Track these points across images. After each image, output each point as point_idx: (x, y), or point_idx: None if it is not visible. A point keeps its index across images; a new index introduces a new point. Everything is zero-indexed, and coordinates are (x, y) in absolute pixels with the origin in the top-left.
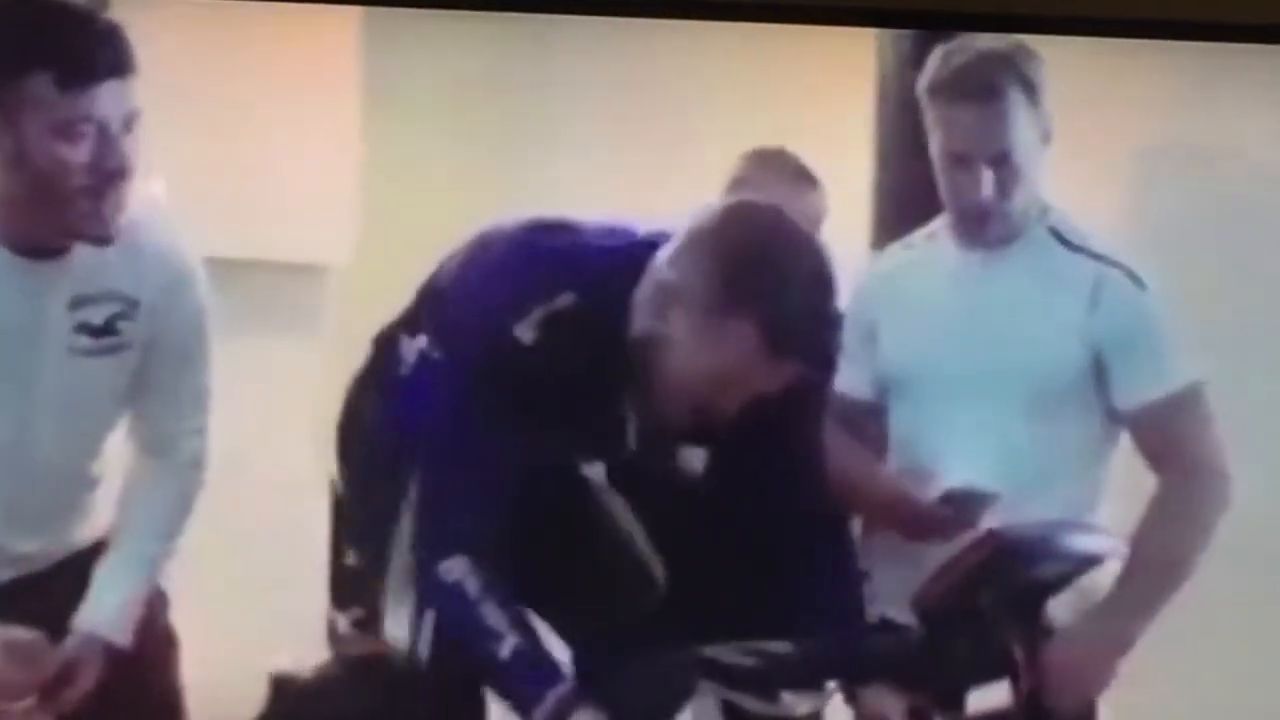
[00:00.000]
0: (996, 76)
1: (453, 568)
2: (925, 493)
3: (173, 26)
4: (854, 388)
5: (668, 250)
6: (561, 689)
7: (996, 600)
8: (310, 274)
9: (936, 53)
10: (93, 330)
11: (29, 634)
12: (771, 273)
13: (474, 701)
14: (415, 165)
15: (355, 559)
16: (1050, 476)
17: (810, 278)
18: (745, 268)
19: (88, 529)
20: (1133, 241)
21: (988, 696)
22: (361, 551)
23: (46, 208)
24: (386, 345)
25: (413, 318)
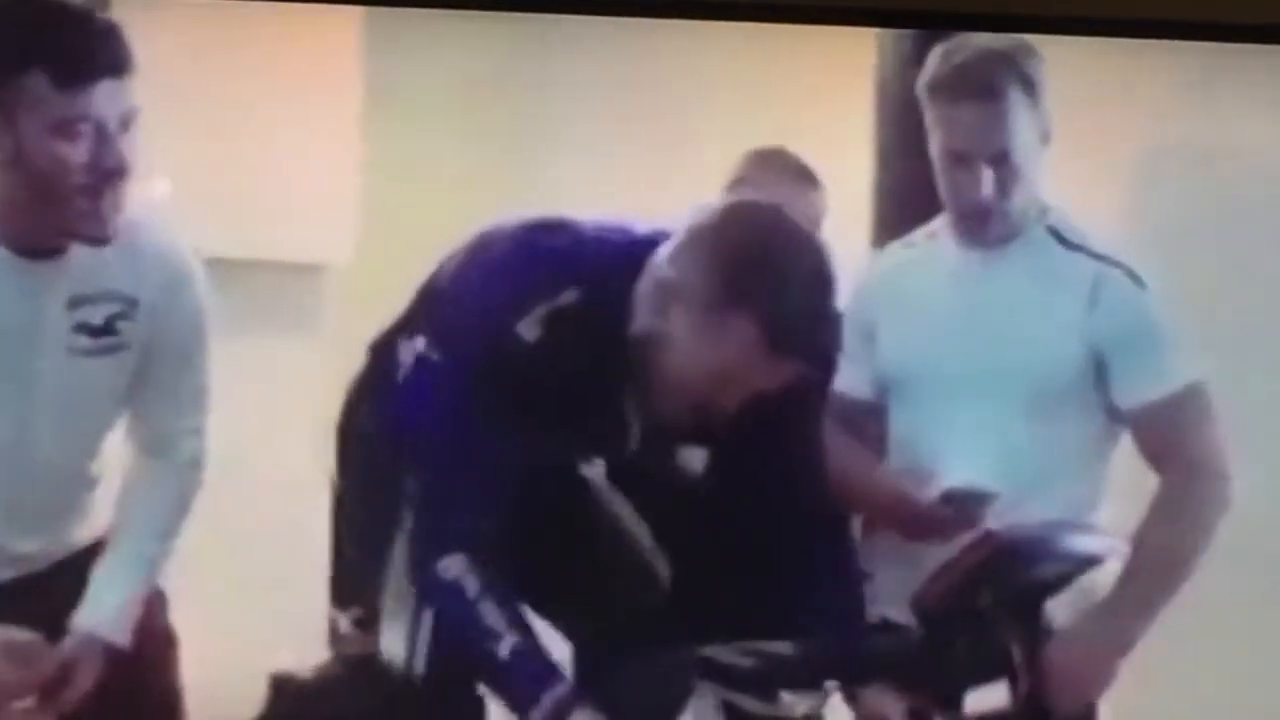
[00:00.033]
0: (996, 75)
1: (451, 565)
2: (925, 493)
3: (175, 26)
4: (854, 387)
5: (668, 248)
6: (559, 690)
7: (995, 601)
8: (311, 274)
9: (936, 51)
10: (92, 330)
11: (27, 635)
12: (771, 271)
13: (473, 702)
14: (416, 165)
15: (353, 565)
16: (1050, 476)
17: (810, 276)
18: (745, 266)
19: (87, 529)
20: (1133, 241)
21: (987, 697)
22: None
23: (45, 207)
24: (383, 351)
25: (409, 322)
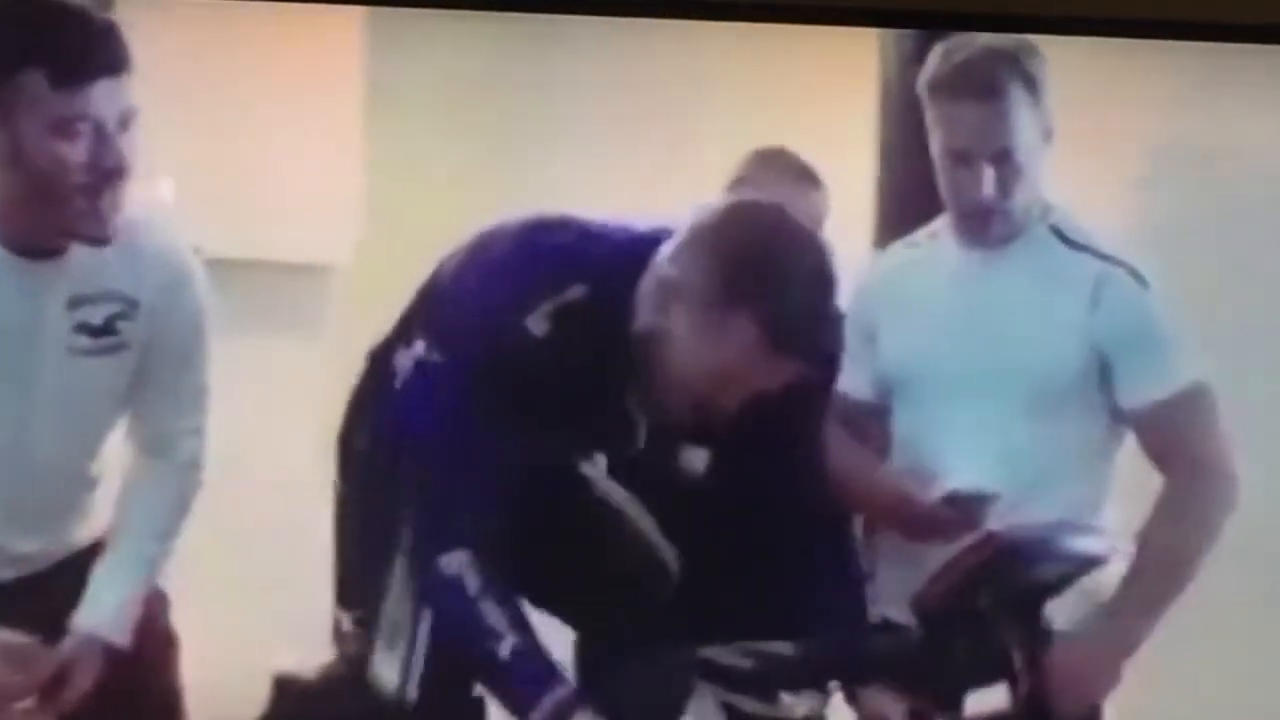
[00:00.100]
0: (997, 73)
1: (452, 561)
2: (927, 494)
3: (177, 26)
4: (856, 388)
5: (669, 247)
6: (560, 692)
7: (995, 601)
8: (313, 274)
9: (936, 50)
10: (92, 330)
11: (23, 638)
12: (772, 270)
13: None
14: (417, 165)
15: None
16: (1053, 477)
17: (811, 276)
18: (746, 265)
19: (87, 529)
20: (1135, 240)
21: (987, 698)
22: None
23: (44, 207)
24: (380, 360)
25: (407, 327)
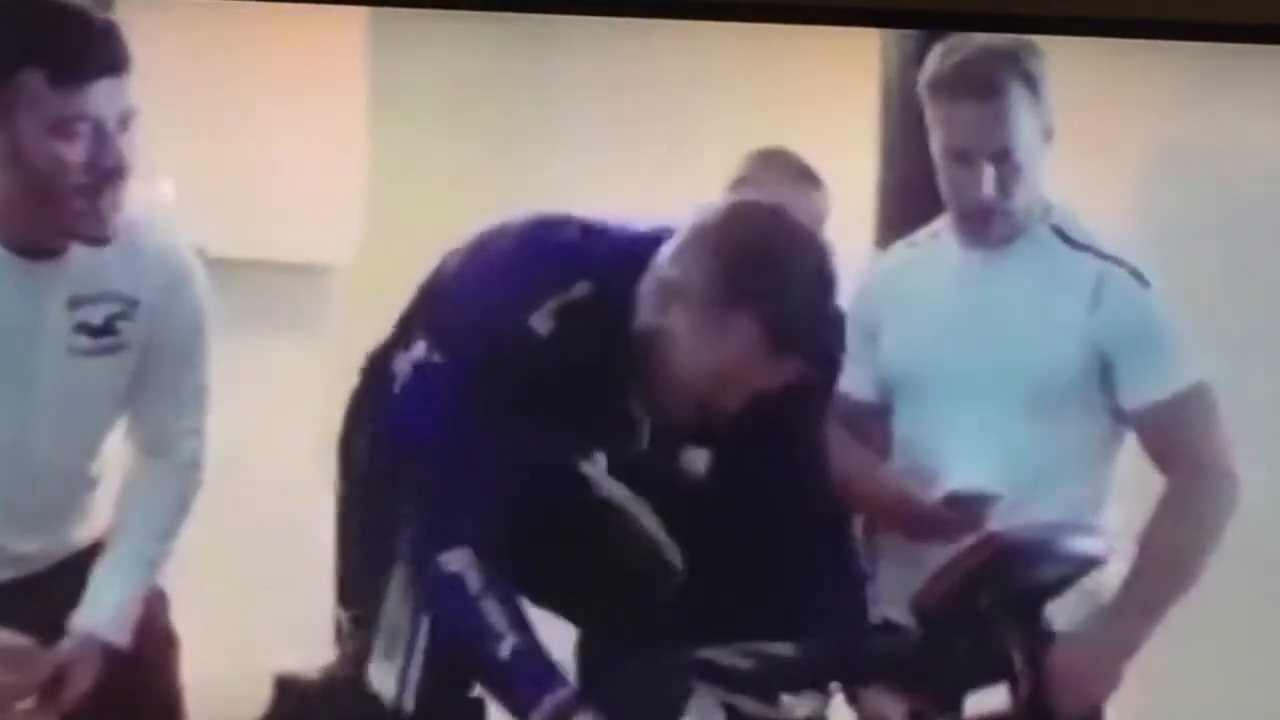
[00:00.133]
0: (997, 72)
1: (454, 559)
2: (928, 494)
3: (178, 26)
4: (857, 388)
5: (670, 247)
6: (559, 693)
7: (995, 602)
8: (315, 274)
9: (936, 49)
10: (92, 330)
11: (19, 640)
12: (773, 270)
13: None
14: (419, 165)
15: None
16: (1054, 477)
17: (812, 276)
18: (746, 265)
19: (87, 529)
20: (1136, 240)
21: (987, 699)
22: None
23: (43, 207)
24: (378, 366)
25: (406, 331)
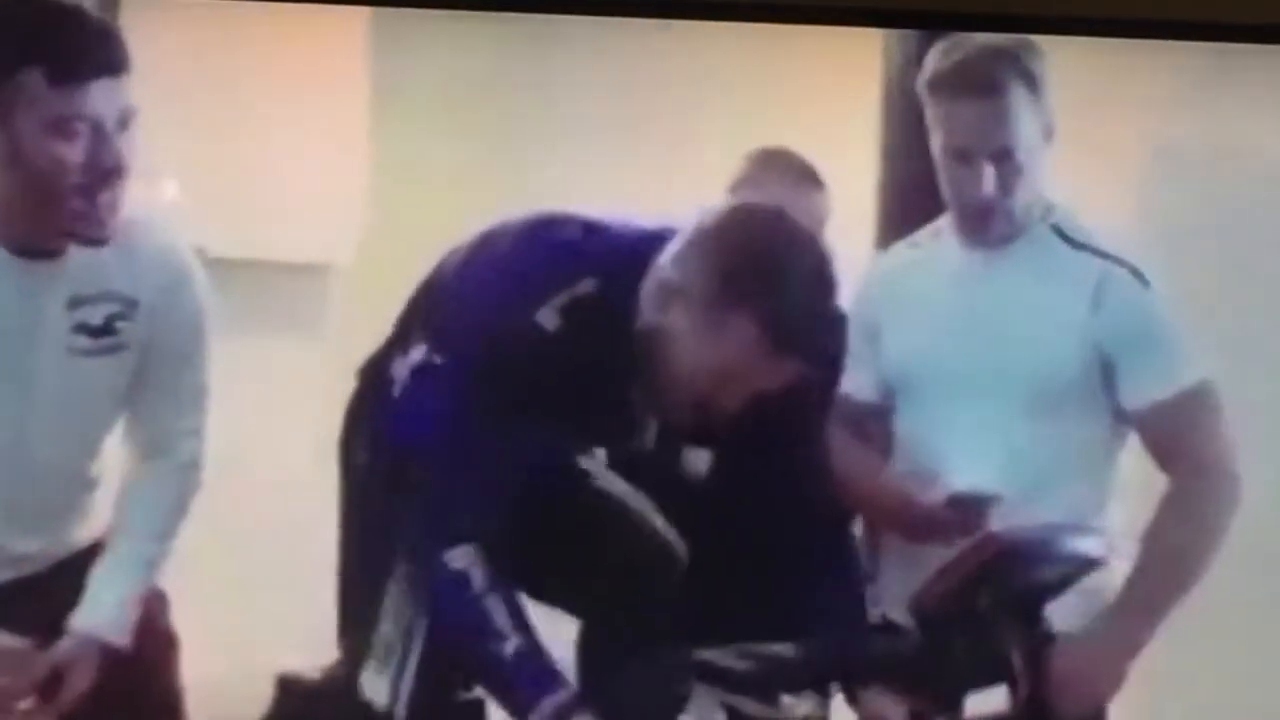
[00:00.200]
0: (997, 71)
1: (458, 556)
2: (930, 496)
3: (181, 27)
4: (858, 389)
5: (671, 249)
6: (559, 696)
7: (995, 603)
8: (315, 274)
9: (936, 48)
10: (91, 330)
11: (15, 642)
12: (772, 271)
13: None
14: (420, 165)
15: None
16: (1056, 477)
17: (811, 277)
18: (746, 266)
19: (87, 529)
20: (1137, 240)
21: (987, 700)
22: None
23: (42, 207)
24: (375, 372)
25: (403, 335)
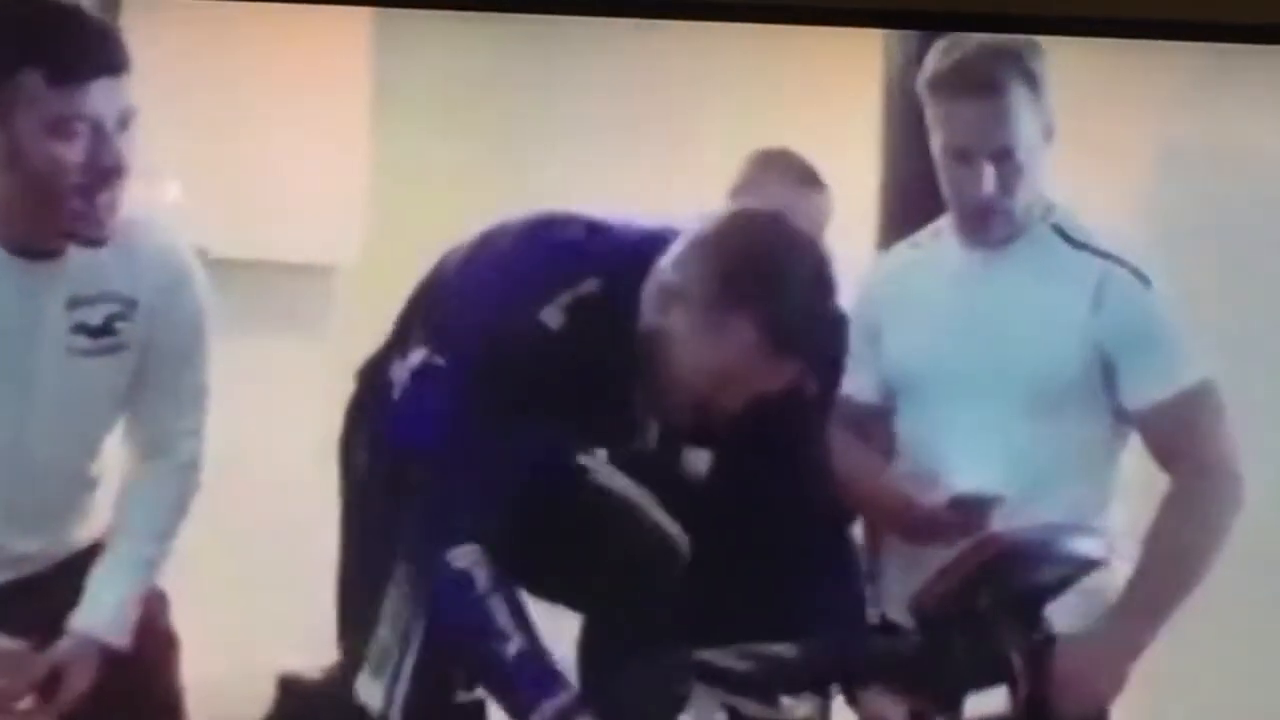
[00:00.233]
0: (997, 70)
1: (462, 555)
2: (932, 498)
3: (183, 27)
4: (859, 390)
5: (672, 253)
6: (560, 698)
7: (995, 603)
8: (317, 274)
9: (936, 47)
10: (90, 330)
11: (12, 644)
12: (770, 274)
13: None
14: (422, 166)
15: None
16: (1058, 477)
17: (809, 279)
18: (744, 270)
19: (87, 530)
20: (1137, 239)
21: (986, 701)
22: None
23: (41, 207)
24: (373, 377)
25: (402, 338)
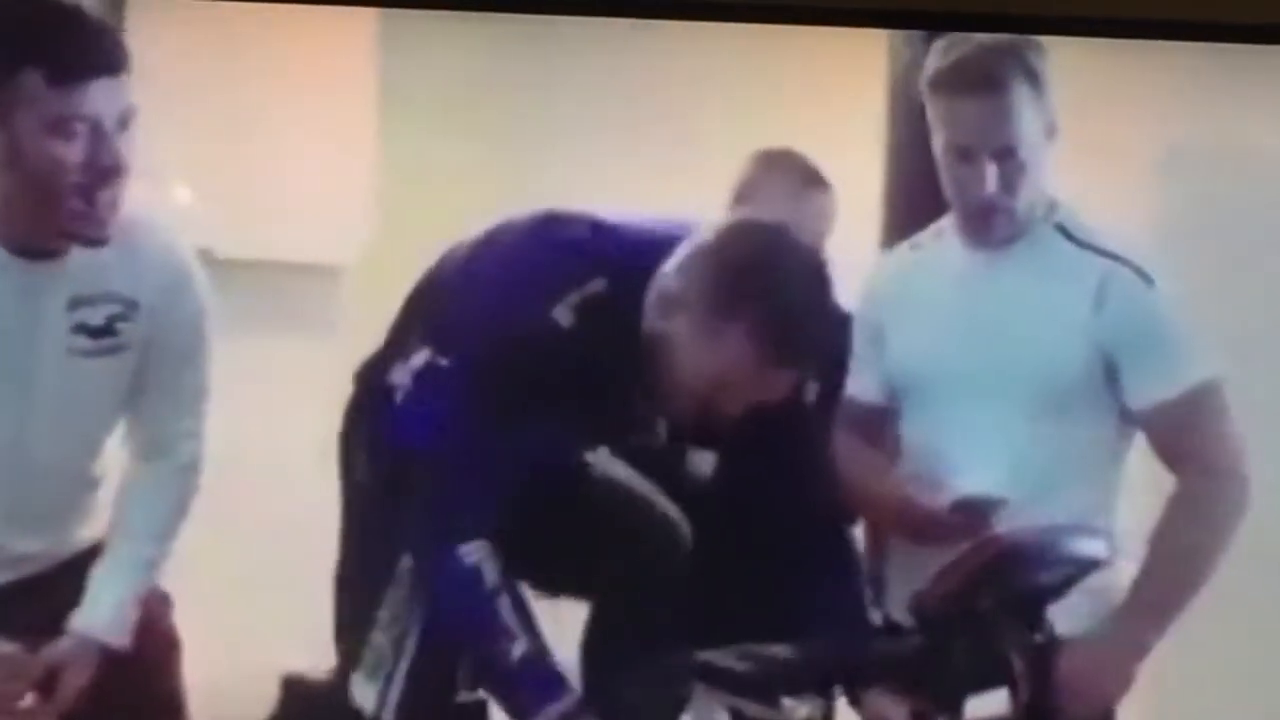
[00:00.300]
0: (999, 68)
1: (473, 551)
2: (936, 500)
3: (189, 28)
4: (863, 391)
5: (675, 258)
6: (563, 702)
7: (997, 604)
8: (323, 274)
9: (937, 46)
10: (91, 331)
11: (7, 646)
12: (770, 285)
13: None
14: (428, 166)
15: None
16: (1062, 479)
17: (809, 290)
18: (743, 279)
19: (89, 530)
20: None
21: (988, 702)
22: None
23: (42, 207)
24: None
25: (402, 340)
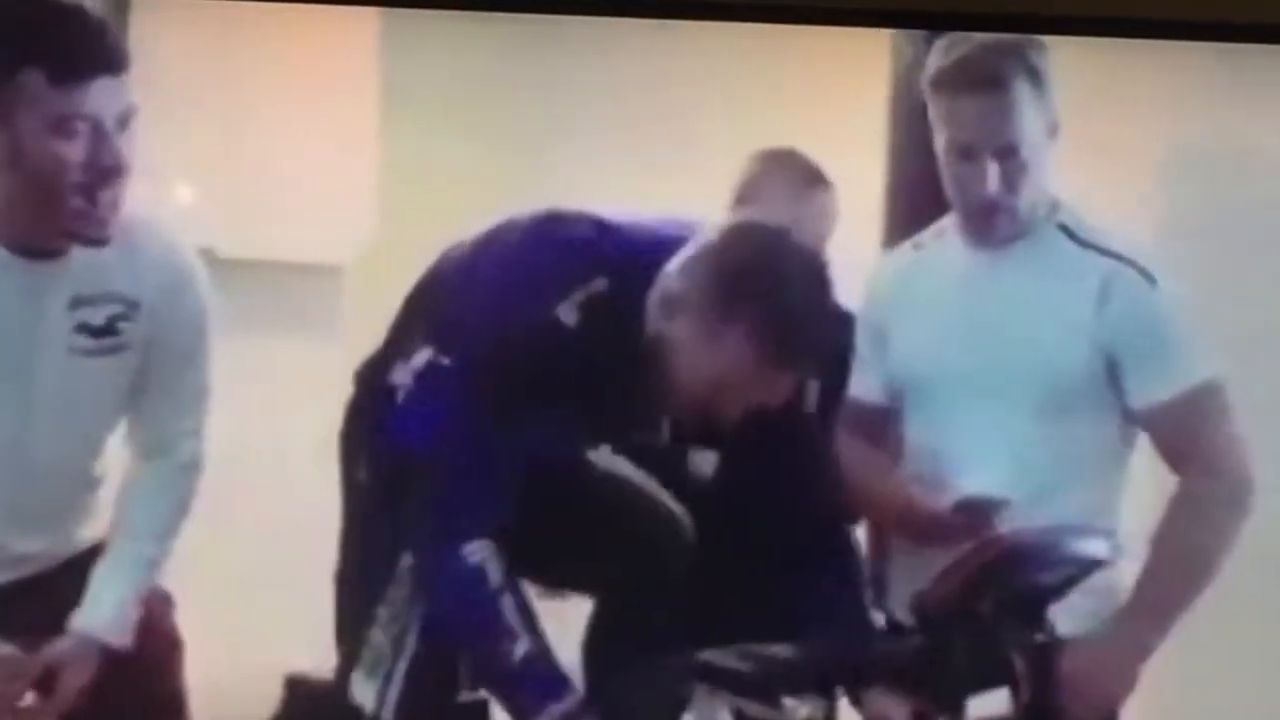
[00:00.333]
0: (1001, 66)
1: (477, 550)
2: (939, 501)
3: (191, 27)
4: (866, 391)
5: (677, 260)
6: (565, 702)
7: (998, 604)
8: (324, 274)
9: (939, 44)
10: (93, 330)
11: (9, 646)
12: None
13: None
14: (429, 166)
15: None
16: (1066, 478)
17: (810, 294)
18: (743, 283)
19: (90, 529)
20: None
21: (989, 702)
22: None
23: (43, 206)
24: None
25: (401, 340)
